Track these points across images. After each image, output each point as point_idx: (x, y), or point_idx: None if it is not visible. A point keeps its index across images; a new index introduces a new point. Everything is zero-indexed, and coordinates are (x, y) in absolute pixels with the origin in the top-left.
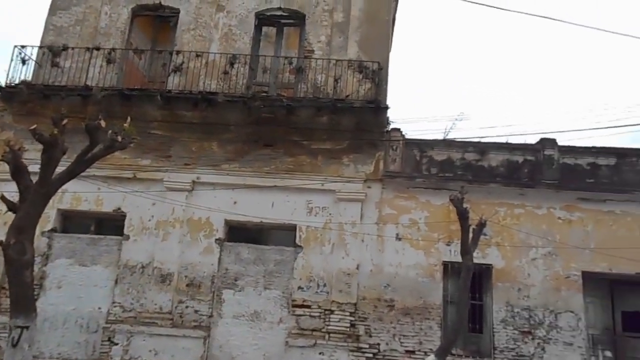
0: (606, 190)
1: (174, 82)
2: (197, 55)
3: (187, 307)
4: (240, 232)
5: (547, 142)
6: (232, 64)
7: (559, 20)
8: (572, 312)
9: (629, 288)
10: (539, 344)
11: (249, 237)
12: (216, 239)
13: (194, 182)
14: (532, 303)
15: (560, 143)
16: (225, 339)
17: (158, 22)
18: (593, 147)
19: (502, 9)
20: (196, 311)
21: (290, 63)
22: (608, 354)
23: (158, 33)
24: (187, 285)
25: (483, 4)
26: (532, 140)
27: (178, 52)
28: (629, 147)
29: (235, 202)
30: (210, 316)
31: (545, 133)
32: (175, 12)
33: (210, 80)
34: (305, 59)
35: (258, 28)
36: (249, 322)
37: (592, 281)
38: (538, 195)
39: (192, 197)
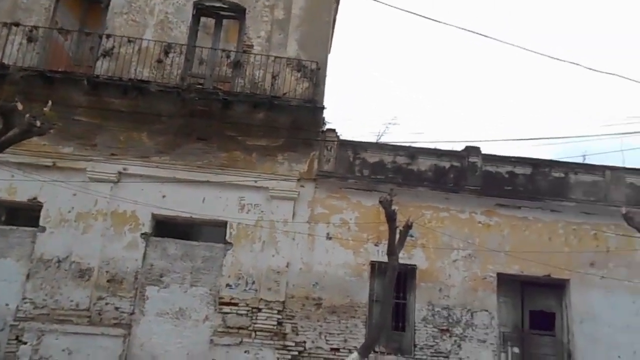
0: (521, 198)
1: (102, 67)
2: (130, 41)
3: (106, 303)
4: (168, 227)
5: (471, 150)
6: (166, 53)
7: (488, 36)
8: (486, 311)
9: (537, 289)
10: (455, 341)
11: (178, 233)
12: (142, 234)
13: (120, 173)
14: (452, 302)
15: (483, 151)
16: (147, 337)
17: (87, 3)
18: (512, 157)
19: (435, 20)
20: (117, 308)
21: (228, 56)
22: (516, 350)
23: (87, 14)
24: (108, 280)
25: (419, 15)
26: (459, 147)
27: (108, 36)
28: (543, 158)
29: (164, 196)
30: (132, 313)
31: (471, 141)
32: None
33: (142, 68)
34: (244, 53)
35: (196, 18)
36: (173, 319)
37: (505, 282)
38: (462, 200)
39: (117, 189)
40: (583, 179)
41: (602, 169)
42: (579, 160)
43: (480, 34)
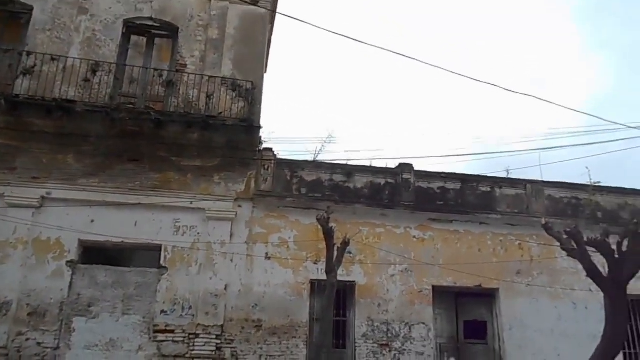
0: (452, 212)
1: (22, 86)
2: (53, 59)
3: (27, 339)
4: (97, 254)
5: (405, 167)
6: (94, 72)
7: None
8: (423, 323)
9: (470, 299)
10: (395, 355)
11: (108, 259)
12: (67, 261)
13: (43, 197)
14: (390, 317)
15: (416, 168)
16: None
17: (5, 18)
18: (443, 173)
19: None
20: (39, 343)
21: (161, 76)
22: None
23: (5, 29)
24: (28, 314)
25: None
26: (393, 164)
27: (29, 53)
28: (472, 174)
29: (92, 221)
30: (57, 348)
31: (405, 158)
32: (29, 9)
33: (68, 87)
34: (177, 72)
35: (126, 36)
36: (103, 352)
37: (440, 294)
38: (397, 216)
39: (40, 215)
40: (507, 192)
41: (524, 182)
42: (503, 174)
43: (406, 56)
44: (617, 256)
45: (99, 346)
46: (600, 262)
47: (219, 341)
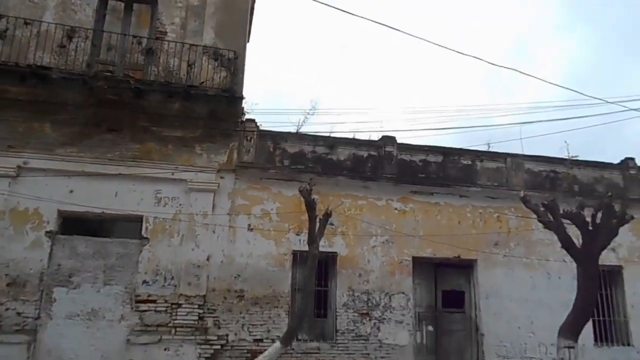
0: (434, 184)
1: None
2: (26, 23)
3: (7, 309)
4: (77, 224)
5: (387, 140)
6: (70, 38)
7: (399, 30)
8: (403, 293)
9: (449, 270)
10: (375, 324)
11: (88, 230)
12: (46, 232)
13: (19, 167)
14: (371, 287)
15: (399, 141)
16: (55, 342)
17: None
18: (425, 146)
19: (349, 13)
20: (19, 313)
21: (140, 43)
22: (430, 328)
23: None
24: (7, 284)
25: (334, 7)
26: (376, 137)
27: (1, 17)
28: (453, 147)
29: (71, 191)
30: (37, 318)
31: (387, 131)
32: None
33: (43, 54)
34: (157, 40)
35: (103, 1)
36: (85, 321)
37: (420, 265)
38: (379, 188)
39: (16, 185)
40: (488, 165)
41: (504, 156)
42: (484, 148)
43: (388, 26)
44: (590, 228)
45: (80, 316)
46: (575, 234)
47: (201, 311)
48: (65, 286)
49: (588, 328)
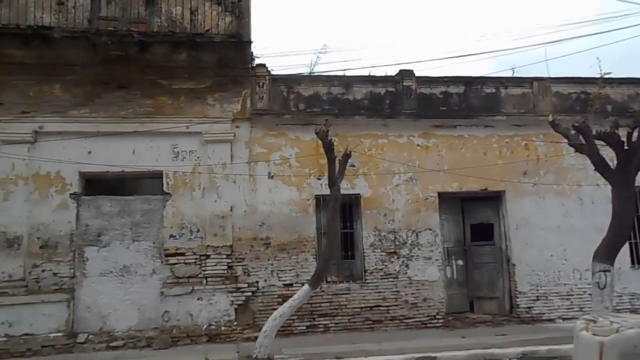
0: (456, 117)
1: None
2: None
3: (43, 270)
4: (98, 184)
5: (405, 74)
6: None
7: None
8: (430, 229)
9: (476, 203)
10: (403, 261)
11: (110, 189)
12: (71, 194)
13: (35, 132)
14: (397, 226)
15: (417, 74)
16: (92, 298)
17: None
18: (445, 77)
19: None
20: (55, 274)
21: None
22: (460, 262)
23: None
24: (40, 247)
25: None
26: (392, 71)
27: None
28: (475, 75)
29: (89, 152)
30: (73, 277)
31: (405, 64)
32: None
33: (42, 13)
34: None
35: None
36: (118, 277)
37: (446, 200)
38: (399, 125)
39: (35, 150)
40: (513, 92)
41: (530, 80)
42: (509, 74)
43: None
44: (626, 147)
45: (113, 272)
46: (609, 157)
47: (229, 260)
48: (95, 245)
49: (624, 251)
